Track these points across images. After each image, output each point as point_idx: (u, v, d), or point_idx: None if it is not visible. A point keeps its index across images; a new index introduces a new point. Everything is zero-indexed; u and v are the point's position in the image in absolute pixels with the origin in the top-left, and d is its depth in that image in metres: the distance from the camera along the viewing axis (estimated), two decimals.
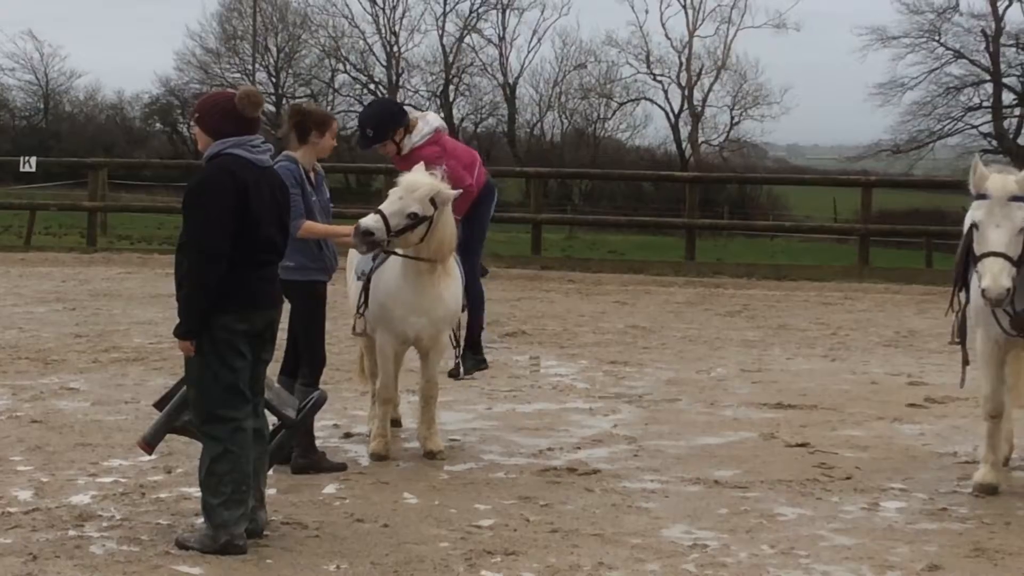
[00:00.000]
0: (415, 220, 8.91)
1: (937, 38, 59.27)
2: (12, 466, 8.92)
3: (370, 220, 8.83)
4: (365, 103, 68.20)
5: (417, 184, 8.97)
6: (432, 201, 8.95)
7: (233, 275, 7.06)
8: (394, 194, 8.99)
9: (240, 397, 7.18)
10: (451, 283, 9.37)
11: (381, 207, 8.93)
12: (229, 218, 7.04)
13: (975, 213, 8.31)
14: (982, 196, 8.30)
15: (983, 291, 8.12)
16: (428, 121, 9.92)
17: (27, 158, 27.86)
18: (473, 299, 9.93)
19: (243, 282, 7.11)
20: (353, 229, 8.81)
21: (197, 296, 7.04)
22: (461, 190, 9.35)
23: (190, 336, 7.10)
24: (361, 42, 69.07)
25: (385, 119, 9.85)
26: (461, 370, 10.17)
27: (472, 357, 10.19)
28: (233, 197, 7.05)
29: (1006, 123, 58.28)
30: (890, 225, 30.87)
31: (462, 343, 10.14)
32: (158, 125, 74.42)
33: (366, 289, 9.41)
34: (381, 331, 9.39)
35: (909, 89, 59.55)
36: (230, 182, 7.06)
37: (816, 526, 7.94)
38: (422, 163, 9.21)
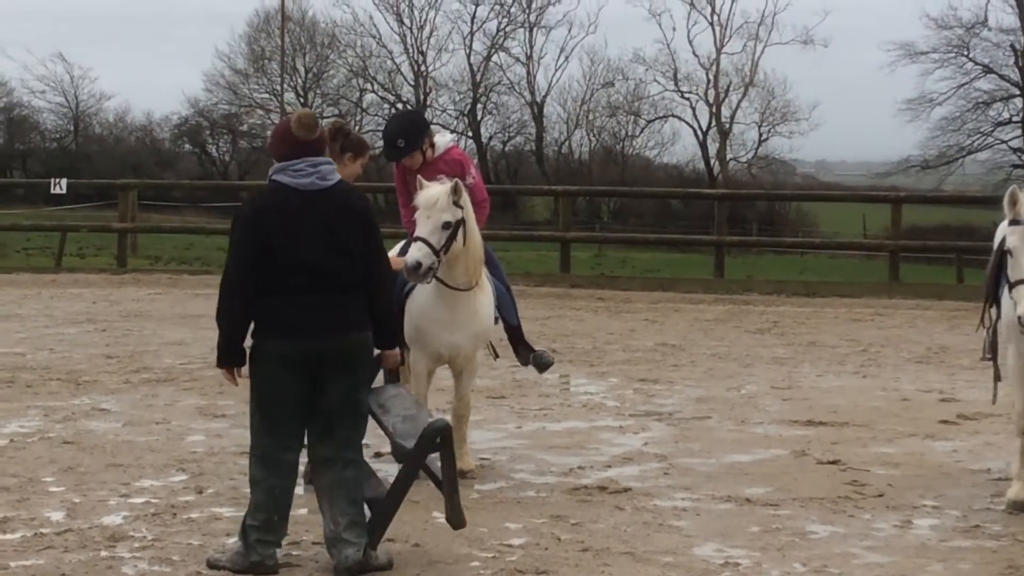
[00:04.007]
0: (451, 228, 8.92)
1: (966, 53, 59.19)
2: (44, 487, 8.95)
3: (416, 253, 8.79)
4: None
5: (434, 195, 8.96)
6: (455, 203, 8.95)
7: (267, 302, 7.04)
8: (420, 216, 8.98)
9: (278, 426, 7.13)
10: (484, 298, 9.38)
11: (417, 234, 8.93)
12: (247, 246, 7.04)
13: (1010, 240, 8.26)
14: (1016, 222, 8.26)
15: (1019, 318, 8.07)
16: (443, 134, 10.06)
17: (58, 180, 28.02)
18: (500, 297, 9.83)
19: (277, 309, 7.06)
20: (403, 270, 8.82)
21: (220, 324, 7.12)
22: (471, 180, 9.43)
23: (223, 365, 7.16)
24: (389, 62, 69.32)
25: (416, 128, 9.87)
26: (535, 357, 10.08)
27: (531, 353, 10.09)
28: (252, 225, 7.05)
29: None
30: (920, 241, 30.79)
31: (494, 348, 10.14)
32: (187, 146, 74.76)
33: (400, 315, 9.42)
34: (415, 350, 9.39)
35: (938, 104, 59.50)
36: (250, 211, 7.10)
37: (848, 544, 7.90)
38: (421, 179, 9.16)
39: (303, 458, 7.41)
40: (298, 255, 7.04)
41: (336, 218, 7.10)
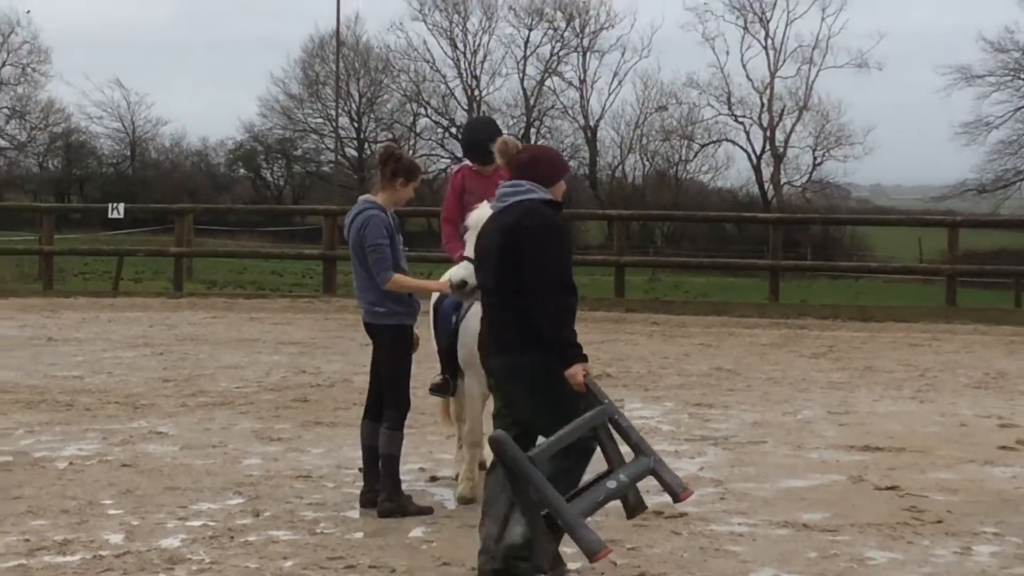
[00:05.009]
0: None
1: (1023, 76, 58.81)
2: (103, 509, 9.01)
3: (460, 270, 8.80)
4: (447, 146, 68.82)
5: (484, 216, 8.94)
6: None
7: None
8: (469, 236, 8.96)
9: None
10: None
11: (464, 253, 8.93)
12: None
13: None
14: None
15: None
16: None
17: (115, 205, 28.27)
18: None
19: None
20: (448, 285, 8.82)
21: None
22: None
23: None
24: (442, 86, 69.77)
25: (501, 133, 9.98)
26: None
27: None
28: None
29: None
30: (977, 265, 30.55)
31: None
32: (242, 170, 75.34)
33: (453, 342, 9.41)
34: (469, 375, 9.38)
35: (995, 128, 59.23)
36: None
37: (907, 570, 7.83)
38: (484, 203, 9.15)
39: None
40: (480, 274, 7.41)
41: (499, 239, 7.22)
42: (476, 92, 69.15)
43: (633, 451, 7.17)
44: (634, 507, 7.09)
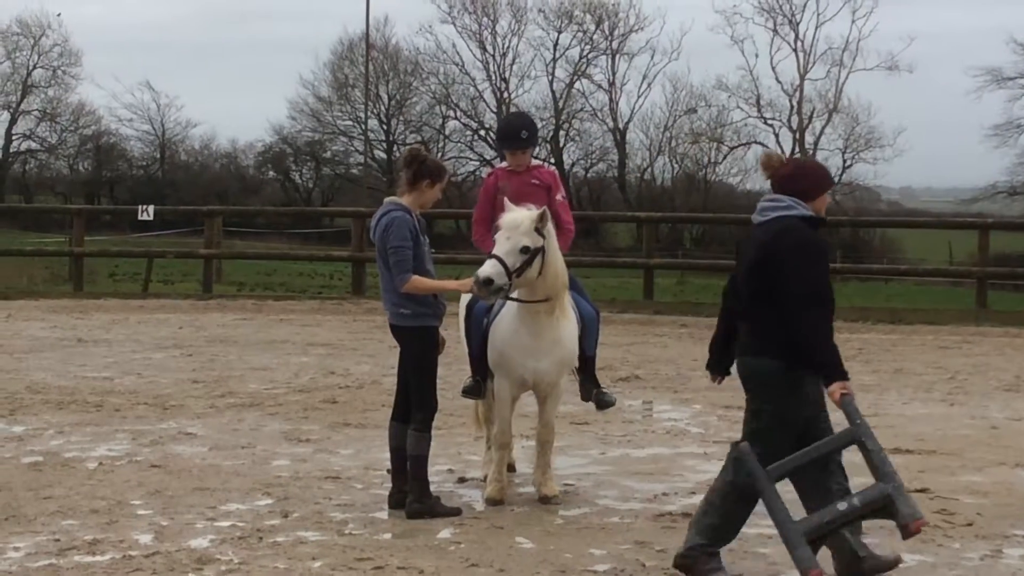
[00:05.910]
0: (529, 254, 8.87)
1: None
2: (132, 510, 9.03)
3: (488, 268, 8.76)
4: (476, 149, 68.90)
5: (519, 219, 8.94)
6: (537, 231, 8.93)
7: None
8: (501, 236, 8.96)
9: None
10: (568, 324, 9.31)
11: (494, 251, 8.90)
12: None
13: None
14: None
15: None
16: None
17: (145, 207, 28.36)
18: (588, 323, 9.75)
19: None
20: (472, 281, 8.78)
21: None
22: (561, 197, 9.43)
23: None
24: (471, 89, 69.85)
25: (535, 125, 10.32)
26: (597, 394, 9.93)
27: (594, 388, 9.95)
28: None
29: None
30: (1008, 268, 30.38)
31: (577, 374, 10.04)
32: (271, 173, 75.54)
33: (483, 345, 9.39)
34: (499, 377, 9.36)
35: None
36: None
37: (937, 573, 7.80)
38: (507, 203, 9.17)
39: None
40: (740, 281, 7.59)
41: (754, 254, 7.46)
42: (505, 94, 69.19)
43: (874, 476, 7.15)
44: (906, 522, 6.96)
